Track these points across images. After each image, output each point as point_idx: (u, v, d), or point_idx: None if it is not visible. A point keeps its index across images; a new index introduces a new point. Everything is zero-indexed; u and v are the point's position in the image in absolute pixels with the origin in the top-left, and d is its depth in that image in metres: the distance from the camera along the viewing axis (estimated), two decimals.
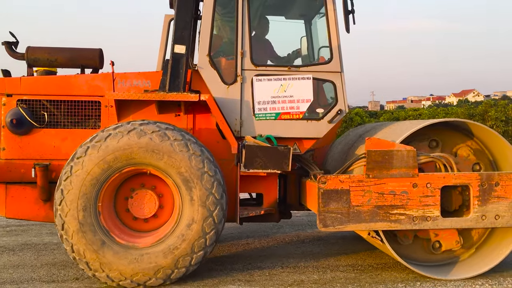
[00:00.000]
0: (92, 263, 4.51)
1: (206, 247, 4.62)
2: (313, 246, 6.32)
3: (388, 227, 4.75)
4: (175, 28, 5.05)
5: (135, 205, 4.81)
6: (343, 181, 4.70)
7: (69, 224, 4.47)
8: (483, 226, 4.85)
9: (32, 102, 5.19)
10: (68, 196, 4.47)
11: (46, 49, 5.31)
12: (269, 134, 5.14)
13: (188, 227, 4.57)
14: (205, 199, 4.55)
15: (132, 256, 4.55)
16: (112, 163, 4.51)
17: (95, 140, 4.52)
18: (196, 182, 4.54)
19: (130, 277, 4.55)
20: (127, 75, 5.29)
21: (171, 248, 4.57)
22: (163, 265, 4.56)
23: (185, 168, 4.52)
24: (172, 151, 4.51)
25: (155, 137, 4.51)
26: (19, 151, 5.15)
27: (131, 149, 4.49)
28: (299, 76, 5.20)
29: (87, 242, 4.49)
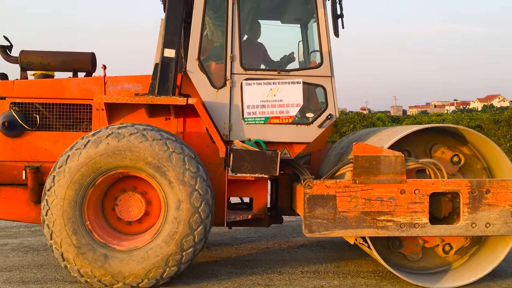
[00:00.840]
0: (103, 279, 4.55)
1: (195, 244, 4.62)
2: (333, 251, 6.26)
3: (375, 234, 4.69)
4: (165, 32, 5.07)
5: (123, 210, 4.83)
6: (329, 186, 4.66)
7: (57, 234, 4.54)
8: (473, 234, 4.76)
9: (25, 105, 5.25)
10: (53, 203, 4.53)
11: (39, 53, 5.38)
12: (258, 138, 5.12)
13: (175, 224, 4.57)
14: (189, 196, 4.56)
15: (131, 258, 4.58)
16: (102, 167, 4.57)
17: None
18: (178, 179, 4.55)
19: (122, 280, 4.57)
20: (118, 78, 5.33)
21: (160, 247, 4.57)
22: (155, 265, 4.57)
23: (166, 167, 4.54)
24: (152, 152, 4.53)
25: (133, 139, 4.54)
26: (11, 153, 5.22)
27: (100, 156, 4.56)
28: (289, 81, 5.17)
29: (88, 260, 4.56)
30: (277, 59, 5.82)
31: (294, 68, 5.43)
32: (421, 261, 5.14)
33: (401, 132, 4.87)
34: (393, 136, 4.86)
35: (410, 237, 5.01)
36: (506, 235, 4.79)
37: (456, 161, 5.13)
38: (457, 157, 5.13)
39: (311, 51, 5.50)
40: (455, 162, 5.13)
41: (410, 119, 32.26)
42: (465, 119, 30.17)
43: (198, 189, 4.59)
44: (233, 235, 7.18)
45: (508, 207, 4.73)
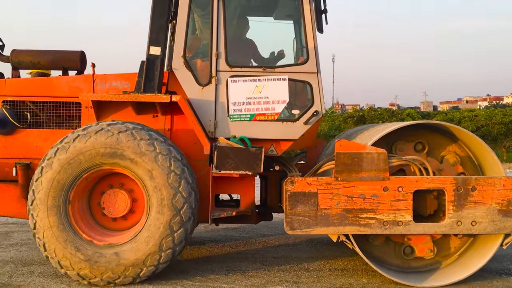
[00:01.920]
0: (82, 272, 4.62)
1: (175, 246, 4.65)
2: None
3: (357, 231, 4.65)
4: (150, 30, 5.10)
5: (108, 206, 4.89)
6: (310, 183, 4.64)
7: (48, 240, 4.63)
8: (458, 232, 4.68)
9: (17, 103, 5.36)
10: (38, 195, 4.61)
11: (30, 51, 5.47)
12: (244, 135, 5.12)
13: (156, 225, 4.61)
14: (171, 198, 4.59)
15: (111, 254, 4.64)
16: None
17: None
18: (162, 180, 4.58)
19: (100, 275, 4.63)
20: (106, 76, 5.39)
21: (140, 246, 4.62)
22: (133, 263, 4.62)
23: (151, 168, 4.57)
24: (139, 151, 4.57)
25: (121, 136, 4.58)
26: (3, 151, 5.33)
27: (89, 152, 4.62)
28: (274, 77, 5.16)
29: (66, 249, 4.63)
30: (266, 56, 5.80)
31: (280, 64, 5.41)
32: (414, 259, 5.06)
33: (387, 129, 4.81)
34: (377, 134, 4.81)
35: (418, 237, 4.94)
36: (493, 233, 4.70)
37: (420, 149, 5.05)
38: (420, 144, 5.05)
39: (298, 47, 5.46)
40: (418, 150, 5.04)
41: (441, 115, 31.57)
42: (498, 115, 29.44)
43: (181, 192, 4.60)
44: (260, 231, 7.26)
45: (495, 205, 4.64)
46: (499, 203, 4.64)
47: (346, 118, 23.91)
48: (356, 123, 22.31)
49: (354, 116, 23.04)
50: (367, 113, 23.74)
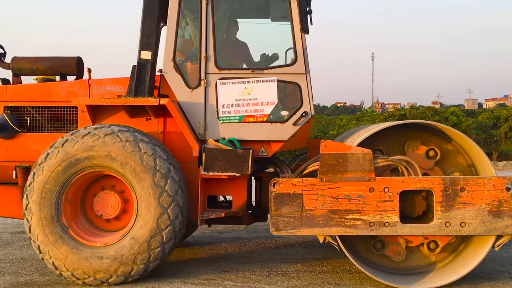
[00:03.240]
0: (75, 273, 4.75)
1: (163, 244, 4.73)
2: None
3: (343, 233, 4.62)
4: (141, 35, 5.21)
5: (100, 207, 5.01)
6: (295, 184, 4.64)
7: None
8: (447, 233, 4.59)
9: (17, 108, 5.55)
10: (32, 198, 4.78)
11: (29, 58, 5.66)
12: (234, 137, 5.16)
13: (144, 224, 4.70)
14: (158, 196, 4.67)
15: (102, 254, 4.76)
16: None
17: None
18: (148, 179, 4.67)
19: (93, 275, 4.76)
20: (101, 81, 5.52)
21: (130, 245, 4.72)
22: (123, 262, 4.72)
23: (137, 168, 4.68)
24: (124, 152, 4.68)
25: (107, 139, 4.70)
26: (5, 154, 5.53)
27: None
28: (263, 79, 5.18)
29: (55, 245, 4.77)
30: (262, 58, 5.83)
31: (268, 66, 5.43)
32: (406, 261, 4.99)
33: (376, 129, 4.77)
34: (364, 134, 4.77)
35: (392, 238, 4.89)
36: (483, 235, 4.59)
37: (432, 156, 4.96)
38: (433, 151, 4.96)
39: (287, 48, 5.46)
40: (431, 157, 4.96)
41: (486, 112, 30.61)
42: None
43: (167, 190, 4.69)
44: None
45: (485, 206, 4.53)
46: (489, 203, 4.53)
47: (386, 117, 23.39)
48: None
49: (395, 115, 22.44)
50: (408, 112, 23.10)
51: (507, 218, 4.52)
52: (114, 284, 4.79)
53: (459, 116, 23.93)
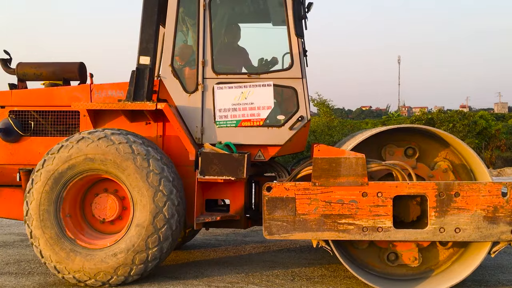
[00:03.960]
0: (77, 275, 4.84)
1: (161, 243, 4.80)
2: None
3: (336, 237, 4.61)
4: (140, 41, 5.30)
5: (100, 210, 5.11)
6: (288, 188, 4.65)
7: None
8: (441, 239, 4.54)
9: (22, 112, 5.70)
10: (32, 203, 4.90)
11: (33, 64, 5.81)
12: (230, 141, 5.20)
13: (140, 224, 4.78)
14: (152, 196, 4.75)
15: (102, 256, 4.85)
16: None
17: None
18: (142, 180, 4.75)
19: (94, 277, 4.84)
20: (103, 86, 5.63)
21: (127, 246, 4.79)
22: (122, 263, 4.80)
23: (131, 169, 4.77)
24: (117, 154, 4.76)
25: (101, 142, 4.79)
26: (10, 157, 5.68)
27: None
28: (259, 83, 5.21)
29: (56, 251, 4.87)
30: (260, 63, 5.86)
31: (265, 70, 5.46)
32: (425, 263, 4.93)
33: (367, 134, 4.75)
34: (360, 138, 4.76)
35: (404, 245, 4.84)
36: (478, 241, 4.53)
37: (411, 154, 4.92)
38: (411, 149, 4.92)
39: (284, 53, 5.48)
40: (409, 155, 4.92)
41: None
42: None
43: (161, 190, 4.76)
44: None
45: (480, 212, 4.47)
46: (484, 209, 4.47)
47: (413, 121, 23.10)
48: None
49: (422, 119, 22.15)
50: (436, 116, 22.78)
51: (503, 224, 4.45)
52: (115, 285, 4.85)
53: (488, 120, 23.50)
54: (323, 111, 22.72)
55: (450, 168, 4.90)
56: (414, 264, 4.84)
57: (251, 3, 5.62)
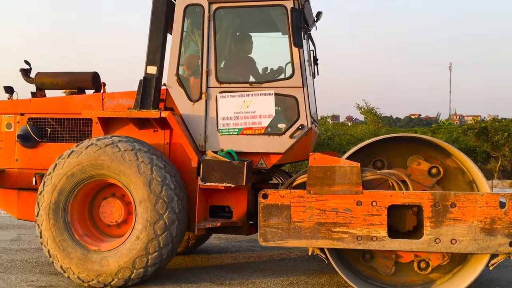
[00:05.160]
0: (81, 276, 5.04)
1: (160, 249, 4.94)
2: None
3: (330, 245, 4.63)
4: (147, 51, 5.50)
5: (106, 214, 5.30)
6: (283, 196, 4.71)
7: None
8: (436, 250, 4.48)
9: (39, 119, 6.00)
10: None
11: (50, 74, 6.12)
12: (232, 149, 5.30)
13: (141, 230, 4.94)
14: (154, 203, 4.91)
15: (105, 258, 5.04)
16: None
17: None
18: (145, 187, 4.92)
19: (96, 278, 5.05)
20: (114, 94, 5.86)
21: (129, 250, 4.96)
22: (123, 266, 4.98)
23: (134, 176, 4.95)
24: (122, 161, 4.96)
25: (108, 149, 5.00)
26: (28, 162, 5.99)
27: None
28: (261, 92, 5.30)
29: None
30: (264, 72, 5.95)
31: (266, 80, 5.55)
32: (395, 276, 4.92)
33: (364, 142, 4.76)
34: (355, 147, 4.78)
35: (381, 251, 4.84)
36: (475, 253, 4.44)
37: (435, 173, 4.87)
38: (436, 169, 4.87)
39: (286, 63, 5.54)
40: (433, 174, 4.87)
41: None
42: None
43: (163, 197, 4.91)
44: None
45: (477, 223, 4.39)
46: (481, 220, 4.38)
47: (465, 130, 22.38)
48: (477, 136, 20.55)
49: (474, 128, 21.45)
50: (489, 124, 22.00)
51: (501, 237, 4.36)
52: (116, 287, 5.02)
53: None
54: (370, 119, 22.44)
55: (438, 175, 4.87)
56: (426, 272, 4.80)
57: (257, 13, 5.72)
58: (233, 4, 5.42)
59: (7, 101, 6.15)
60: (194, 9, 5.49)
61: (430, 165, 4.88)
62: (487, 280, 5.42)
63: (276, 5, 5.33)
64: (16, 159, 6.01)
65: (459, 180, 4.88)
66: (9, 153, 6.04)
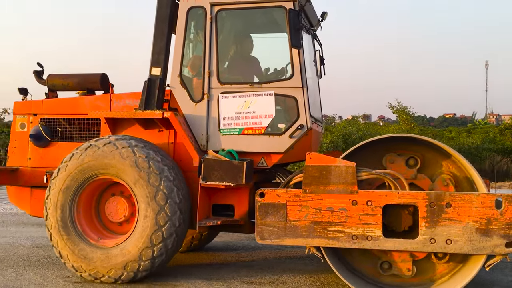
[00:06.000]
0: (92, 272, 5.21)
1: (165, 239, 5.06)
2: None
3: (326, 244, 4.67)
4: (152, 53, 5.64)
5: (111, 212, 5.48)
6: (280, 195, 4.77)
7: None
8: (432, 250, 4.47)
9: (51, 120, 6.22)
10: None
11: (61, 75, 6.33)
12: (233, 148, 5.39)
13: (145, 222, 5.08)
14: (154, 195, 5.04)
15: (114, 254, 5.19)
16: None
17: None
18: (144, 180, 5.06)
19: (107, 273, 5.20)
20: (121, 95, 6.03)
21: (135, 243, 5.10)
22: (130, 260, 5.11)
23: (133, 171, 5.09)
24: (120, 158, 5.12)
25: (106, 148, 5.16)
26: (40, 161, 6.21)
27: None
28: (262, 93, 5.37)
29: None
30: (265, 73, 6.02)
31: (266, 80, 5.62)
32: (419, 274, 4.89)
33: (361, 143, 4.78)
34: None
35: (398, 255, 4.83)
36: (471, 253, 4.42)
37: (413, 164, 4.88)
38: (413, 159, 4.88)
39: (287, 63, 5.59)
40: (411, 165, 4.88)
41: None
42: None
43: (162, 189, 5.05)
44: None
45: (473, 223, 4.37)
46: (477, 221, 4.36)
47: (502, 129, 21.90)
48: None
49: (511, 128, 21.01)
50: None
51: (496, 237, 4.32)
52: (127, 281, 5.14)
53: None
54: (403, 118, 22.16)
55: (452, 182, 4.81)
56: (408, 274, 4.78)
57: (258, 15, 5.79)
58: (234, 6, 5.50)
59: (21, 102, 6.39)
60: (197, 11, 5.60)
61: (406, 157, 4.88)
62: (487, 280, 5.36)
63: (276, 6, 5.40)
64: (29, 158, 6.24)
65: (443, 165, 4.86)
66: (23, 152, 6.28)
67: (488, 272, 5.08)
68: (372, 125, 28.98)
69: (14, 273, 5.61)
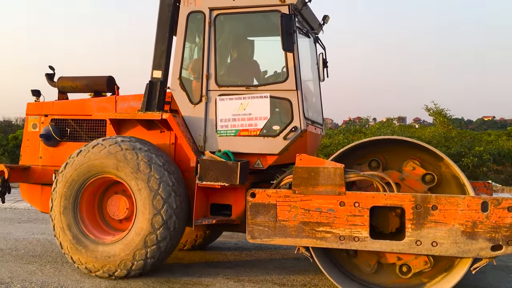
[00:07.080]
0: (89, 266, 5.43)
1: (158, 242, 5.24)
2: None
3: (314, 244, 4.75)
4: (153, 56, 5.83)
5: (112, 209, 5.70)
6: (270, 195, 4.88)
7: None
8: (417, 252, 4.50)
9: (61, 120, 6.50)
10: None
11: (70, 78, 6.60)
12: (230, 149, 5.52)
13: (140, 223, 5.26)
14: (152, 199, 5.22)
15: (110, 250, 5.40)
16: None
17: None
18: (143, 184, 5.24)
19: (101, 268, 5.43)
20: (126, 97, 6.24)
21: (130, 243, 5.30)
22: (124, 258, 5.32)
23: (134, 173, 5.28)
24: (123, 159, 5.31)
25: (111, 148, 5.37)
26: (51, 159, 6.49)
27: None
28: (257, 95, 5.49)
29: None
30: (263, 75, 6.12)
31: (261, 83, 5.72)
32: (377, 276, 4.96)
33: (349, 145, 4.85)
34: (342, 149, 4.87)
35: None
36: (456, 256, 4.43)
37: (429, 180, 4.88)
38: (430, 176, 4.88)
39: (283, 67, 5.68)
40: (427, 181, 4.89)
41: None
42: None
43: (160, 193, 5.22)
44: None
45: (458, 226, 4.38)
46: (462, 224, 4.36)
47: None
48: None
49: None
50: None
51: (482, 240, 4.32)
52: (119, 277, 5.34)
53: None
54: (440, 120, 21.78)
55: (418, 164, 4.92)
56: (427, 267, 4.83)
57: (256, 19, 5.90)
58: (232, 10, 5.63)
59: (34, 103, 6.69)
60: (197, 16, 5.76)
61: (425, 172, 4.89)
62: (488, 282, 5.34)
63: (272, 11, 5.50)
64: (40, 157, 6.53)
65: (453, 188, 4.86)
66: (34, 151, 6.58)
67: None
68: (408, 127, 28.60)
69: (52, 269, 5.82)
